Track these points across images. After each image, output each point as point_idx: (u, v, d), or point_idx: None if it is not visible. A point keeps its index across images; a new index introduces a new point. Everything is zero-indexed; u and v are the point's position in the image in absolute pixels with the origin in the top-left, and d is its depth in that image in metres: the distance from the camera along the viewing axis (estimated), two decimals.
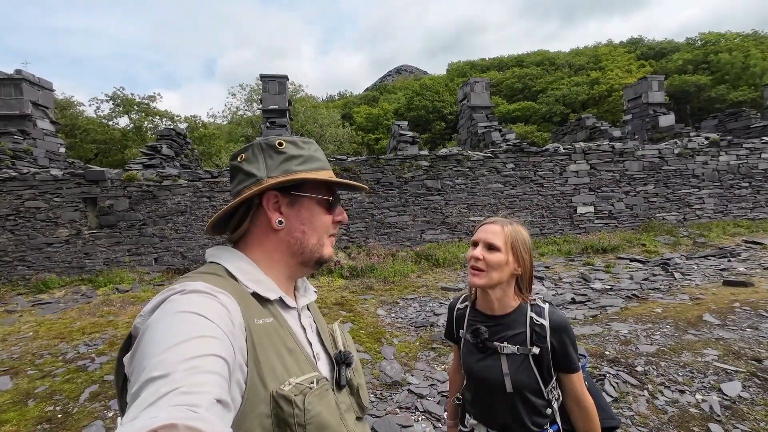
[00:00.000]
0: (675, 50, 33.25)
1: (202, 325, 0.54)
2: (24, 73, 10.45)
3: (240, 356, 0.59)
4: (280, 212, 0.77)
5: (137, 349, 0.53)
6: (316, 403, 0.64)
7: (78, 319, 5.41)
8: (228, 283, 0.68)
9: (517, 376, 1.17)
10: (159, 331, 0.52)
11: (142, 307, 0.60)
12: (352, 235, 8.67)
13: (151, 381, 0.45)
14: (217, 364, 0.50)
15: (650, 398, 2.85)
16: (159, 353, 0.48)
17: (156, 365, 0.47)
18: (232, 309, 0.61)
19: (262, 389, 0.61)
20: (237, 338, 0.59)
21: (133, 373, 0.51)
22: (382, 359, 3.79)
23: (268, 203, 0.76)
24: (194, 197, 8.09)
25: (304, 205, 0.78)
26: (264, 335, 0.66)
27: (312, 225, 0.79)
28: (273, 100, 12.56)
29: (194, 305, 0.56)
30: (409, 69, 52.13)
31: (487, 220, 1.28)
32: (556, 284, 6.15)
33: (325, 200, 0.80)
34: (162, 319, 0.55)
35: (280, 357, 0.66)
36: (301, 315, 0.80)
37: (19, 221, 7.53)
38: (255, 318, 0.66)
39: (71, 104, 20.46)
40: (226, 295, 0.62)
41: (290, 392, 0.62)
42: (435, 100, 30.07)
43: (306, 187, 0.78)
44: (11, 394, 3.42)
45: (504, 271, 1.20)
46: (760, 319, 4.12)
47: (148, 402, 0.42)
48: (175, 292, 0.59)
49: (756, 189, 10.22)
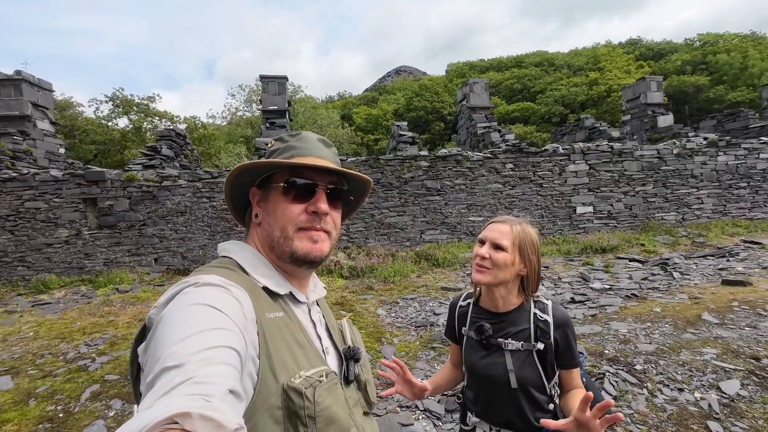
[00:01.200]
0: (674, 51, 33.30)
1: (216, 317, 0.55)
2: (24, 73, 10.44)
3: (252, 349, 0.60)
4: (259, 206, 0.79)
5: (151, 339, 0.54)
6: (326, 396, 0.65)
7: (78, 320, 5.42)
8: (240, 276, 0.69)
9: (522, 372, 1.18)
10: (173, 323, 0.53)
11: (143, 308, 0.61)
12: (351, 236, 8.68)
13: (165, 371, 0.46)
14: (230, 356, 0.51)
15: (649, 397, 2.86)
16: (173, 344, 0.49)
17: (170, 356, 0.48)
18: (245, 303, 0.62)
19: (273, 382, 0.62)
20: (249, 331, 0.60)
21: (147, 362, 0.53)
22: (382, 358, 3.80)
23: (254, 198, 0.79)
24: (194, 198, 8.10)
25: (271, 196, 0.77)
26: (275, 329, 0.67)
27: (274, 215, 0.76)
28: (273, 100, 12.57)
29: (208, 298, 0.57)
30: (409, 70, 52.17)
31: (496, 218, 1.28)
32: (556, 284, 6.16)
33: (281, 186, 0.75)
34: (176, 310, 0.55)
35: (290, 351, 0.67)
36: (311, 310, 0.81)
37: (19, 222, 7.53)
38: (266, 312, 0.67)
39: (70, 105, 20.44)
40: (239, 289, 0.63)
41: (301, 385, 0.63)
42: (434, 101, 30.07)
43: (273, 176, 0.77)
44: (12, 393, 3.43)
45: (509, 270, 1.20)
46: (758, 317, 4.14)
47: (162, 391, 0.43)
48: (189, 284, 0.60)
49: (754, 189, 10.25)
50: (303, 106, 22.26)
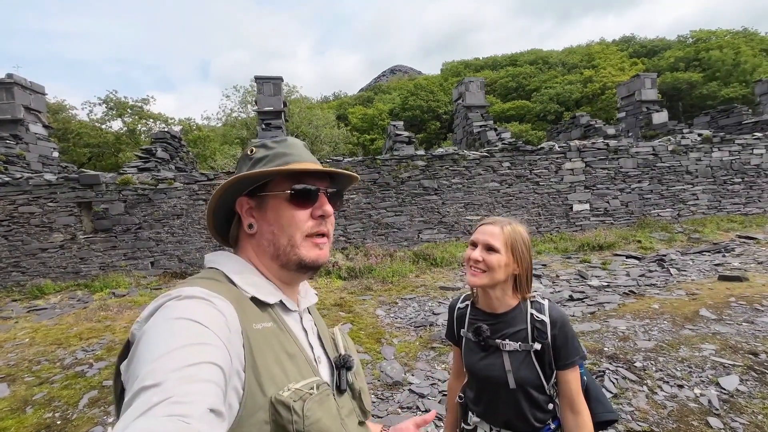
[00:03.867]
0: (667, 48, 33.53)
1: (197, 332, 0.53)
2: (15, 76, 10.33)
3: (237, 362, 0.58)
4: (252, 216, 0.76)
5: (133, 356, 0.53)
6: (316, 409, 0.63)
7: (75, 325, 5.37)
8: (226, 287, 0.67)
9: (520, 373, 1.18)
10: (153, 339, 0.52)
11: (140, 312, 0.60)
12: (349, 236, 8.67)
13: (143, 390, 0.44)
14: (212, 372, 0.49)
15: (649, 393, 2.87)
16: (152, 361, 0.48)
17: (148, 374, 0.46)
18: (229, 314, 0.60)
19: (260, 396, 0.60)
20: (234, 344, 0.58)
21: (128, 380, 0.51)
22: (382, 359, 3.79)
23: (242, 209, 0.76)
24: (190, 200, 8.05)
25: (269, 204, 0.75)
26: (262, 340, 0.65)
27: (279, 224, 0.74)
28: (268, 101, 12.52)
29: (189, 311, 0.56)
30: (404, 69, 52.20)
31: (486, 220, 1.28)
32: (554, 282, 6.18)
33: (287, 194, 0.74)
34: (157, 326, 0.54)
35: (279, 362, 0.65)
36: (303, 318, 0.79)
37: (12, 227, 7.45)
38: (253, 323, 0.65)
39: (63, 108, 20.27)
40: (223, 300, 0.61)
41: (289, 398, 0.61)
42: (430, 100, 30.10)
43: (269, 185, 0.75)
44: (9, 401, 3.39)
45: (503, 271, 1.21)
46: (755, 313, 4.17)
47: (139, 412, 0.42)
48: (170, 298, 0.59)
49: (749, 184, 10.33)
50: (298, 107, 22.20)
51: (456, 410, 1.42)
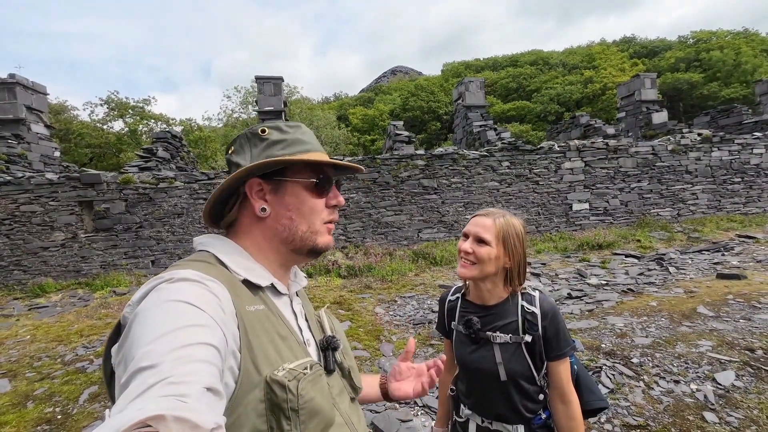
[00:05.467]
0: (667, 48, 33.55)
1: (191, 314, 0.53)
2: (17, 77, 10.39)
3: (233, 342, 0.59)
4: (265, 200, 0.75)
5: (125, 339, 0.53)
6: (310, 389, 0.64)
7: (75, 322, 5.40)
8: (218, 270, 0.67)
9: (511, 365, 1.18)
10: (147, 321, 0.52)
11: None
12: (349, 235, 8.69)
13: (139, 371, 0.44)
14: (208, 353, 0.50)
15: (646, 389, 2.89)
16: (147, 343, 0.48)
17: (144, 355, 0.46)
18: (222, 296, 0.61)
19: (255, 375, 0.61)
20: (228, 325, 0.58)
21: (120, 363, 0.51)
22: (381, 356, 3.81)
23: (251, 191, 0.74)
24: (191, 199, 8.09)
25: (289, 190, 0.75)
26: (256, 322, 0.66)
27: (299, 211, 0.75)
28: (268, 101, 12.57)
29: (183, 294, 0.55)
30: (404, 70, 52.22)
31: (480, 211, 1.27)
32: (553, 280, 6.19)
33: (311, 183, 0.76)
34: (150, 308, 0.54)
35: (273, 343, 0.66)
36: (293, 301, 0.80)
37: (14, 225, 7.49)
38: (246, 305, 0.66)
39: (65, 108, 20.36)
40: (216, 283, 0.62)
41: (284, 378, 0.62)
42: (430, 101, 30.13)
43: (289, 171, 0.75)
44: (10, 396, 3.42)
45: (494, 264, 1.19)
46: (753, 310, 4.18)
47: (136, 393, 0.42)
48: (163, 280, 0.58)
49: (748, 184, 10.33)
50: (299, 107, 22.28)
51: (447, 403, 1.42)
